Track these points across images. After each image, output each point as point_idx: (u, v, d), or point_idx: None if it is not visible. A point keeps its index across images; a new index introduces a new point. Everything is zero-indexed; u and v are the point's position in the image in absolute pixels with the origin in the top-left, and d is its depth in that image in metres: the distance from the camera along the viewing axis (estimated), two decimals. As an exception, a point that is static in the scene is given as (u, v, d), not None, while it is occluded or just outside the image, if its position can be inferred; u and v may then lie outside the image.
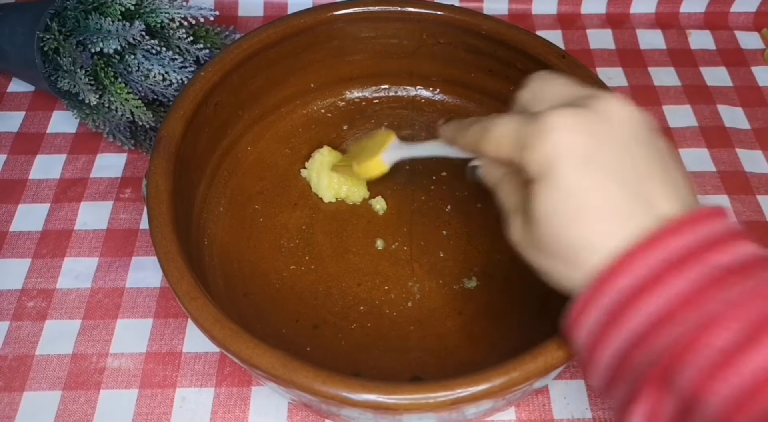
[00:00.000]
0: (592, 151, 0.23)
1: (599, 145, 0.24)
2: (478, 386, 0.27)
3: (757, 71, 0.53)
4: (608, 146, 0.24)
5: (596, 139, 0.24)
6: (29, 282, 0.41)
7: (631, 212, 0.23)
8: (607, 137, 0.24)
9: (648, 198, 0.23)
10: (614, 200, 0.23)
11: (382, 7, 0.41)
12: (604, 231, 0.23)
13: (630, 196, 0.23)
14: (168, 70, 0.43)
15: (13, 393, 0.37)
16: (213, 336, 0.28)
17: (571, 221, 0.23)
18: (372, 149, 0.38)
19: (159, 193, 0.33)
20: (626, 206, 0.23)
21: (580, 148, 0.23)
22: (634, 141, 0.24)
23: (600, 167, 0.23)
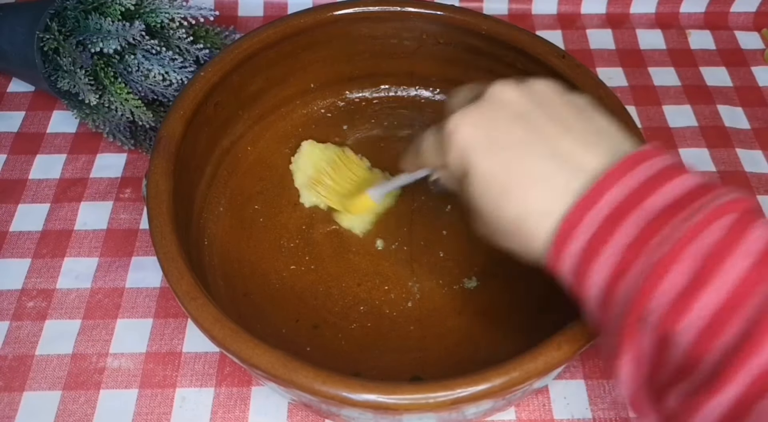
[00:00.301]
0: (493, 136, 0.26)
1: (497, 128, 0.26)
2: (478, 386, 0.27)
3: (757, 71, 0.53)
4: (507, 126, 0.26)
5: (493, 124, 0.26)
6: (29, 282, 0.41)
7: (553, 174, 0.25)
8: (503, 119, 0.26)
9: (567, 156, 0.25)
10: (532, 169, 0.25)
11: (382, 7, 0.41)
12: (532, 199, 0.25)
13: (546, 160, 0.25)
14: (168, 70, 0.43)
15: (12, 393, 0.37)
16: (213, 336, 0.28)
17: (500, 202, 0.26)
18: (356, 187, 0.40)
19: (159, 193, 0.33)
20: (546, 170, 0.25)
21: (482, 137, 0.26)
22: (532, 111, 0.26)
23: (504, 147, 0.26)
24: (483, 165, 0.26)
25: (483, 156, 0.26)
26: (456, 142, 0.26)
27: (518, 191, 0.25)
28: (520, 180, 0.25)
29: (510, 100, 0.27)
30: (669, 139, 0.49)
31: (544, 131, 0.26)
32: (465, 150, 0.26)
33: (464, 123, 0.26)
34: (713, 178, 0.47)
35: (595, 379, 0.37)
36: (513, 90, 0.27)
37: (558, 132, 0.26)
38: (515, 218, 0.25)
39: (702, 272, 0.21)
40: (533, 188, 0.25)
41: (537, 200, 0.25)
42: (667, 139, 0.49)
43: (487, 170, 0.26)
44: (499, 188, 0.25)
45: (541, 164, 0.25)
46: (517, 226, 0.26)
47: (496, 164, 0.26)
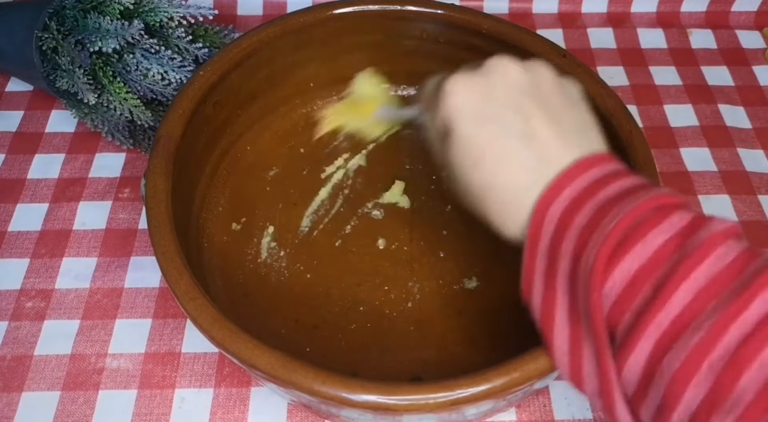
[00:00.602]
0: (483, 107, 0.27)
1: (489, 102, 0.27)
2: (479, 386, 0.27)
3: (759, 70, 0.53)
4: (498, 102, 0.27)
5: (487, 96, 0.27)
6: (28, 282, 0.41)
7: (525, 161, 0.26)
8: (497, 94, 0.27)
9: (544, 147, 0.26)
10: (508, 148, 0.26)
11: (382, 6, 0.41)
12: (502, 175, 0.26)
13: (523, 145, 0.26)
14: (167, 69, 0.43)
15: (11, 394, 0.37)
16: (212, 337, 0.28)
17: (472, 168, 0.27)
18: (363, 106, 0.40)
19: (158, 193, 0.33)
20: (521, 155, 0.26)
21: (471, 106, 0.27)
22: (526, 94, 0.27)
23: (492, 123, 0.27)
24: (466, 132, 0.27)
25: (468, 123, 0.27)
26: (448, 103, 0.28)
27: (490, 164, 0.27)
28: (494, 155, 0.26)
29: (509, 78, 0.28)
30: (670, 138, 0.49)
31: (530, 117, 0.27)
32: (454, 113, 0.27)
33: (461, 88, 0.28)
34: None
35: (596, 380, 0.37)
36: (514, 68, 0.28)
37: (543, 122, 0.27)
38: (483, 188, 0.27)
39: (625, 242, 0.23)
40: (504, 167, 0.26)
41: (506, 180, 0.26)
42: (668, 138, 0.49)
43: (468, 137, 0.27)
44: (474, 156, 0.27)
45: (519, 147, 0.26)
46: (484, 196, 0.27)
47: (478, 135, 0.27)
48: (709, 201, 0.45)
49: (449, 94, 0.28)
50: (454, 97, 0.28)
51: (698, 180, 0.46)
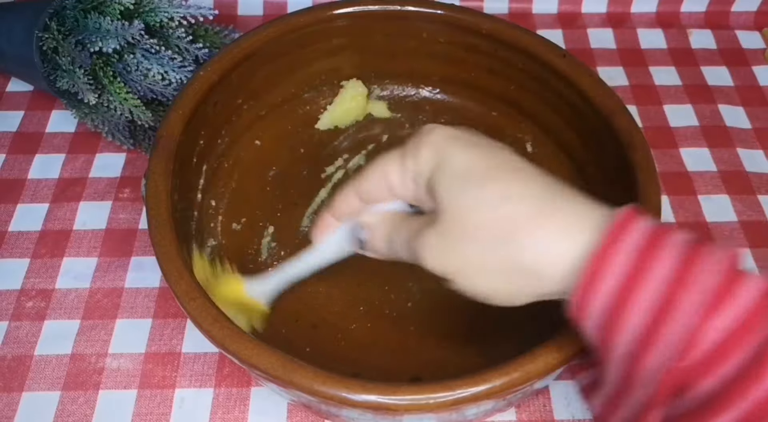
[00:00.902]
0: (472, 140, 0.26)
1: (474, 138, 0.26)
2: (479, 386, 0.27)
3: (758, 71, 0.53)
4: (483, 141, 0.26)
5: (469, 137, 0.26)
6: (28, 282, 0.41)
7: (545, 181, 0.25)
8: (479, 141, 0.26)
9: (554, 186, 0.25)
10: (519, 166, 0.25)
11: (382, 6, 0.41)
12: (505, 191, 0.24)
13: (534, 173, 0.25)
14: (167, 69, 0.43)
15: (12, 394, 0.37)
16: (212, 336, 0.28)
17: (479, 189, 0.24)
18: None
19: (158, 193, 0.33)
20: (535, 173, 0.25)
21: (460, 135, 0.26)
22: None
23: (487, 147, 0.26)
24: (465, 153, 0.25)
25: (465, 146, 0.25)
26: (434, 134, 0.26)
27: (505, 180, 0.24)
28: (502, 173, 0.24)
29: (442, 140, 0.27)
30: (670, 138, 0.49)
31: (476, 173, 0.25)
32: (445, 141, 0.26)
33: (437, 127, 0.26)
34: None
35: (596, 379, 0.37)
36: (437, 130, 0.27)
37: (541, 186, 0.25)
38: (497, 207, 0.24)
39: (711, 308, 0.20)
40: (522, 185, 0.24)
41: (522, 194, 0.24)
42: (667, 138, 0.49)
43: (469, 156, 0.25)
44: (481, 174, 0.24)
45: (530, 168, 0.25)
46: (500, 222, 0.24)
47: (479, 155, 0.25)
48: (709, 201, 0.45)
49: (430, 130, 0.26)
50: (438, 130, 0.26)
51: (698, 180, 0.46)
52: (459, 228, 0.25)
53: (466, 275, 0.25)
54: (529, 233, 0.23)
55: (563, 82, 0.39)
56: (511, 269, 0.24)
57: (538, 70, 0.39)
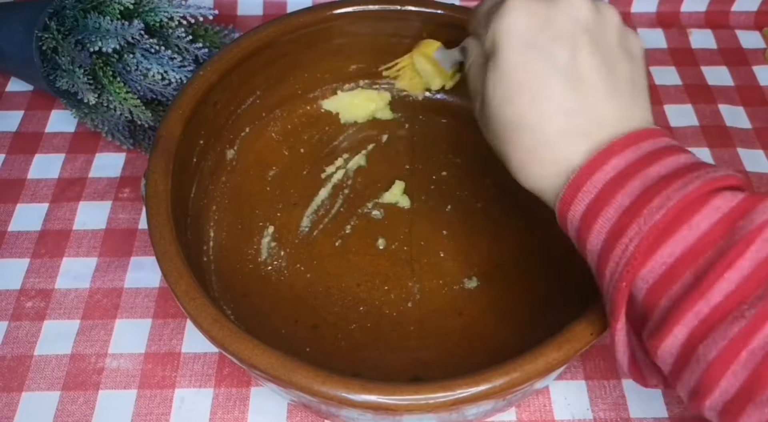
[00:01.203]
0: (534, 34, 0.25)
1: (543, 28, 0.25)
2: (479, 386, 0.27)
3: (758, 70, 0.53)
4: (557, 36, 0.25)
5: (542, 22, 0.25)
6: (28, 282, 0.41)
7: (566, 104, 0.24)
8: (559, 27, 0.25)
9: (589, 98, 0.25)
10: (550, 88, 0.25)
11: (382, 5, 0.41)
12: (538, 114, 0.25)
13: (568, 89, 0.25)
14: (167, 69, 0.43)
15: (11, 394, 0.37)
16: (212, 337, 0.28)
17: (506, 100, 0.25)
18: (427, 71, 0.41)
19: (158, 193, 0.33)
20: (561, 96, 0.25)
21: (524, 30, 0.25)
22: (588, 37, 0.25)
23: (542, 54, 0.25)
24: (509, 58, 0.25)
25: (514, 49, 0.25)
26: (502, 21, 0.25)
27: (526, 99, 0.25)
28: (533, 90, 0.25)
29: (575, 11, 0.25)
30: (670, 138, 0.49)
31: (583, 58, 0.25)
32: (504, 34, 0.25)
33: (523, 8, 0.25)
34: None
35: (596, 380, 0.37)
36: (586, 6, 0.26)
37: (595, 66, 0.25)
38: (512, 125, 0.25)
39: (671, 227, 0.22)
40: (540, 105, 0.25)
41: (540, 118, 0.25)
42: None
43: (510, 64, 0.25)
44: (511, 88, 0.25)
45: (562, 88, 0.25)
46: (511, 135, 0.25)
47: (522, 64, 0.25)
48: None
49: (506, 11, 0.25)
50: (510, 16, 0.25)
51: (698, 180, 0.46)
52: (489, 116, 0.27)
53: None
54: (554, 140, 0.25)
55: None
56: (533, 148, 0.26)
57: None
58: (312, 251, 0.40)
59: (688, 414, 0.36)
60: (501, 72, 0.25)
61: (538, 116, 0.25)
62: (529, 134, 0.25)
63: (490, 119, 0.26)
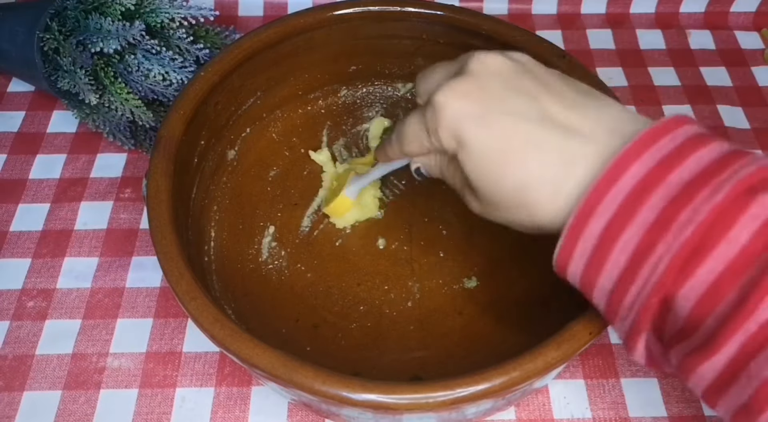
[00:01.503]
0: (487, 105, 0.25)
1: (490, 96, 0.25)
2: (478, 386, 0.27)
3: (757, 71, 0.53)
4: (499, 93, 0.25)
5: (485, 93, 0.25)
6: (29, 282, 0.41)
7: (554, 141, 0.24)
8: (494, 86, 0.25)
9: (564, 121, 0.24)
10: (531, 136, 0.24)
11: (382, 7, 0.41)
12: (535, 167, 0.24)
13: (545, 126, 0.24)
14: (168, 70, 0.43)
15: (13, 393, 0.37)
16: (213, 336, 0.28)
17: (500, 174, 0.25)
18: (334, 190, 0.41)
19: (159, 193, 0.33)
20: (546, 137, 0.24)
21: (475, 107, 0.25)
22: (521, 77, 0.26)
23: (502, 115, 0.25)
24: (479, 136, 0.25)
25: (478, 127, 0.25)
26: (446, 117, 0.25)
27: (518, 160, 0.24)
28: (519, 148, 0.24)
29: (496, 69, 0.26)
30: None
31: (537, 97, 0.25)
32: (458, 123, 0.25)
33: (454, 96, 0.25)
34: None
35: (595, 379, 0.37)
36: (497, 58, 0.26)
37: (551, 98, 0.25)
38: (516, 188, 0.25)
39: (706, 244, 0.21)
40: (534, 156, 0.24)
41: (540, 168, 0.24)
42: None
43: (483, 140, 0.25)
44: (497, 158, 0.25)
45: (540, 130, 0.24)
46: (519, 196, 0.25)
47: (493, 134, 0.25)
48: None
49: (444, 107, 0.25)
50: (449, 107, 0.25)
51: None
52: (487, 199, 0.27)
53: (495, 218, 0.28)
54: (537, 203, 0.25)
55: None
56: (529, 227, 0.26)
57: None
58: (312, 250, 0.40)
59: (687, 414, 0.36)
60: (478, 155, 0.25)
61: (536, 168, 0.24)
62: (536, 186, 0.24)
63: (491, 201, 0.26)
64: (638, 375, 0.37)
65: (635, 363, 0.37)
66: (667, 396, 0.36)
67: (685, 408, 0.36)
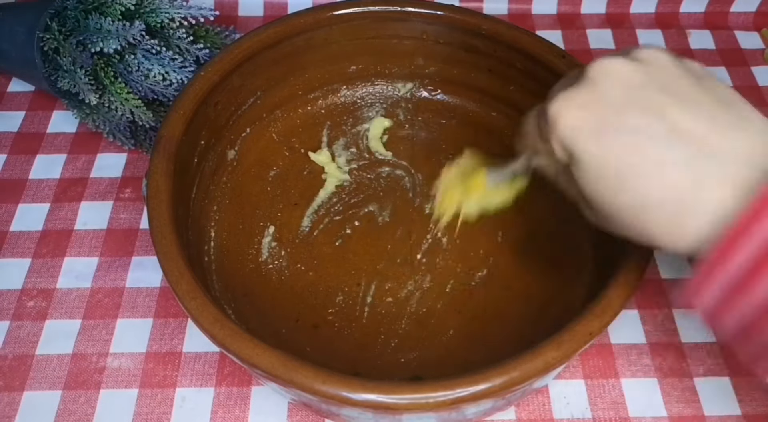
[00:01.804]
0: (603, 118, 0.23)
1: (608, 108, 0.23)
2: (478, 385, 0.27)
3: (757, 71, 0.53)
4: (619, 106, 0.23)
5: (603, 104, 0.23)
6: (29, 282, 0.41)
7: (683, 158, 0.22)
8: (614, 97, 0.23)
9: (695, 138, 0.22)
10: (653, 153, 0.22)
11: (382, 7, 0.41)
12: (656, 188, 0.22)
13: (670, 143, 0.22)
14: (168, 70, 0.43)
15: (13, 393, 0.37)
16: (213, 336, 0.28)
17: (615, 192, 0.23)
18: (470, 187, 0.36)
19: (159, 193, 0.33)
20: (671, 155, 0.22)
21: (590, 120, 0.23)
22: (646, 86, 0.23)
23: (620, 129, 0.23)
24: (594, 152, 0.23)
25: (593, 142, 0.23)
26: (560, 128, 0.24)
27: (637, 181, 0.23)
28: (639, 169, 0.22)
29: (619, 76, 0.24)
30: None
31: (663, 110, 0.23)
32: (571, 137, 0.24)
33: (569, 106, 0.24)
34: None
35: (595, 379, 0.37)
36: (621, 64, 0.24)
37: (680, 110, 0.23)
38: (635, 208, 0.23)
39: None
40: (656, 177, 0.22)
41: (661, 190, 0.22)
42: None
43: (599, 158, 0.23)
44: (613, 177, 0.23)
45: (665, 148, 0.22)
46: (638, 216, 0.23)
47: (609, 152, 0.23)
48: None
49: (558, 117, 0.24)
50: (564, 118, 0.24)
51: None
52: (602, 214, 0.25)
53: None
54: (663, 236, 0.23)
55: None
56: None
57: (537, 70, 0.40)
58: (312, 250, 0.40)
59: (687, 414, 0.36)
60: (592, 171, 0.23)
61: (658, 189, 0.22)
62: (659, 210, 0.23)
63: (610, 215, 0.24)
64: (638, 375, 0.37)
65: (635, 363, 0.37)
66: (667, 396, 0.36)
67: (685, 408, 0.36)
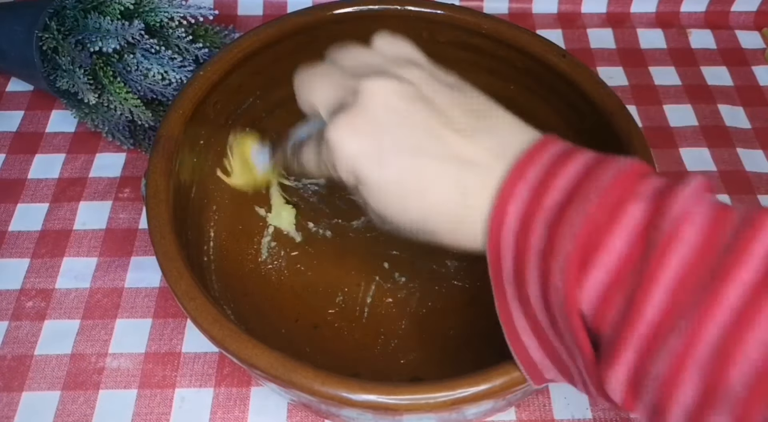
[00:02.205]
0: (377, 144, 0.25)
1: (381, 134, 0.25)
2: (479, 386, 0.27)
3: (758, 71, 0.53)
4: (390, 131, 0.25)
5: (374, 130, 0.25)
6: (28, 282, 0.41)
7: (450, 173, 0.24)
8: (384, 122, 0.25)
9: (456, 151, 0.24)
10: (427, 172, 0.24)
11: (382, 5, 0.41)
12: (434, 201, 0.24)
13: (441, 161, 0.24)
14: (167, 69, 0.43)
15: (12, 394, 0.37)
16: (212, 336, 0.28)
17: (400, 207, 0.25)
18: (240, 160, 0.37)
19: (158, 192, 0.33)
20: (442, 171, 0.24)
21: (366, 148, 0.25)
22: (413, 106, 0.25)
23: (394, 155, 0.24)
24: (376, 177, 0.25)
25: (374, 168, 0.25)
26: (342, 156, 0.25)
27: (417, 195, 0.25)
28: (418, 184, 0.24)
29: (387, 99, 0.25)
30: (669, 138, 0.49)
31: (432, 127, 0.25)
32: (354, 163, 0.25)
33: (347, 134, 0.25)
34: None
35: (596, 379, 0.37)
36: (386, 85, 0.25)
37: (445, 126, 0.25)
38: (419, 221, 0.25)
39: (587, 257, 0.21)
40: (433, 191, 0.24)
41: (438, 203, 0.24)
42: (667, 138, 0.49)
43: (381, 180, 0.25)
44: (396, 193, 0.25)
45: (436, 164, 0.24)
46: (424, 227, 0.25)
47: (390, 171, 0.25)
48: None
49: (338, 147, 0.25)
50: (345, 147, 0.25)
51: (698, 180, 0.46)
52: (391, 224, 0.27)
53: None
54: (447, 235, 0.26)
55: (563, 82, 0.39)
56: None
57: (537, 70, 0.39)
58: (312, 251, 0.40)
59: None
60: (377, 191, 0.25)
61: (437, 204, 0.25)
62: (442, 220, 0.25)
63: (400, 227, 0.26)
64: (639, 375, 0.37)
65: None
66: (667, 396, 0.36)
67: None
